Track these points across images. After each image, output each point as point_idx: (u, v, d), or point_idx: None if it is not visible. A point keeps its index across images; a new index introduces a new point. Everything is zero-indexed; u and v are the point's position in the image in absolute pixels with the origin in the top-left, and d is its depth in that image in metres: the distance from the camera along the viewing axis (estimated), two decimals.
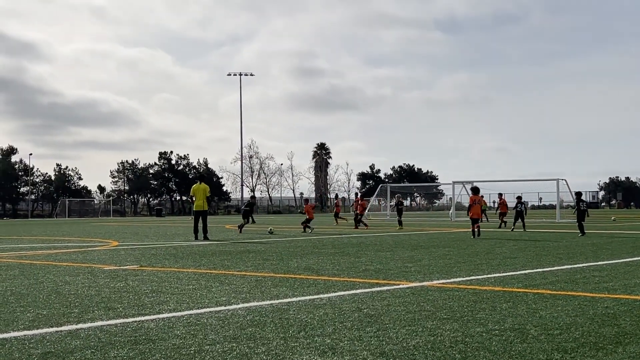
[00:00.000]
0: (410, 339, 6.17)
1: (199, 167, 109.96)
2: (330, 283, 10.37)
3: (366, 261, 14.05)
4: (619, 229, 29.45)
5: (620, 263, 13.16)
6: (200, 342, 6.13)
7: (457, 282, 10.32)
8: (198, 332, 6.55)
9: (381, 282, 10.39)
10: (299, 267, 12.89)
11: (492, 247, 17.98)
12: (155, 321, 7.19)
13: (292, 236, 25.31)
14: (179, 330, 6.65)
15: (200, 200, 23.51)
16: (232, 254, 16.56)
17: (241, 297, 8.87)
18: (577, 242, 19.78)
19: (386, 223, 42.16)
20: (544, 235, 24.97)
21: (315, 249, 17.88)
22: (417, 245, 19.29)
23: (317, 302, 8.43)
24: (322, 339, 6.21)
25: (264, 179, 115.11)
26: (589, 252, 15.91)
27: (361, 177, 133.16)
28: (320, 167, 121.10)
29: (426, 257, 14.86)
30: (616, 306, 7.85)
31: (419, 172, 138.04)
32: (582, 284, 9.90)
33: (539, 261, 13.75)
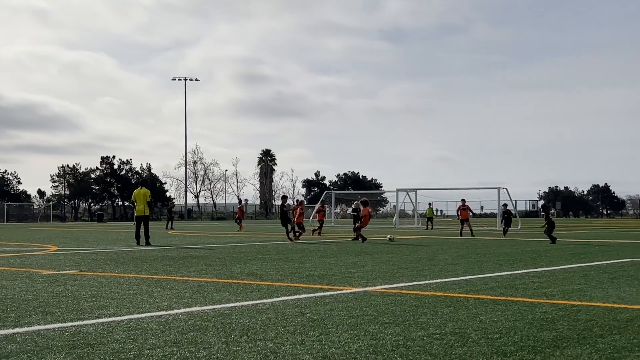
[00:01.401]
0: (352, 343, 6.18)
1: (142, 172, 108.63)
2: (274, 288, 10.33)
3: (310, 267, 14.05)
4: (557, 237, 30.02)
5: (559, 270, 13.43)
6: (140, 346, 6.04)
7: (400, 288, 10.39)
8: (138, 337, 6.45)
9: (325, 288, 10.40)
10: (242, 273, 12.82)
11: (435, 254, 18.17)
12: (94, 326, 7.06)
13: (236, 242, 25.17)
14: (118, 335, 6.54)
15: (142, 205, 23.25)
16: (175, 259, 16.39)
17: (183, 302, 8.78)
18: (517, 249, 20.12)
19: (331, 229, 42.24)
20: (485, 242, 25.34)
21: (259, 255, 17.82)
22: (361, 251, 19.37)
23: (260, 307, 8.39)
24: (264, 343, 6.18)
25: (209, 184, 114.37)
26: (528, 259, 16.20)
27: (306, 184, 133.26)
28: (266, 173, 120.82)
29: (370, 263, 14.93)
30: (554, 311, 7.99)
31: (364, 179, 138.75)
32: (521, 290, 10.06)
33: (480, 267, 13.93)
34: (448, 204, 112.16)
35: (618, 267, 13.86)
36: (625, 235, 32.48)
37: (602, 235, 32.01)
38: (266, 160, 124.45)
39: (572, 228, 45.90)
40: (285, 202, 27.33)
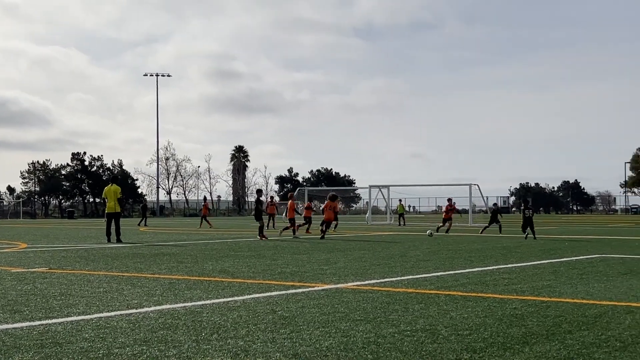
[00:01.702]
0: (323, 340, 6.18)
1: (113, 168, 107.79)
2: (245, 285, 10.30)
3: (282, 264, 14.03)
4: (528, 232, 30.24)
5: (529, 266, 13.54)
6: (110, 345, 5.99)
7: (372, 284, 10.41)
8: (107, 335, 6.40)
9: (296, 285, 10.39)
10: (214, 270, 12.76)
11: (407, 250, 18.23)
12: (63, 324, 6.99)
13: (208, 239, 25.08)
14: (87, 334, 6.48)
15: (112, 202, 23.10)
16: (146, 256, 16.29)
17: (153, 300, 8.72)
18: (488, 245, 20.26)
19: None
20: (457, 238, 25.48)
21: (231, 252, 17.76)
22: (334, 248, 19.38)
23: (231, 304, 8.36)
24: (235, 341, 6.16)
25: (181, 181, 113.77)
26: (499, 255, 16.31)
27: (279, 180, 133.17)
28: (238, 170, 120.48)
29: (342, 260, 14.94)
30: (524, 307, 8.05)
31: (337, 175, 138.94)
32: (492, 286, 10.13)
33: (451, 264, 14.01)
34: (420, 200, 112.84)
35: (587, 263, 14.01)
36: (594, 231, 32.85)
37: (571, 231, 32.35)
38: (239, 157, 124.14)
39: (542, 224, 46.29)
40: (261, 196, 26.83)
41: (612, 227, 38.79)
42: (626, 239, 24.15)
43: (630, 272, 12.18)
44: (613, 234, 28.86)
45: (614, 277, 11.28)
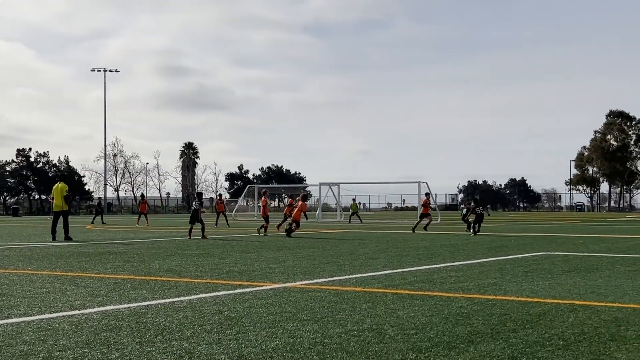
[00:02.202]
0: (269, 341, 6.13)
1: (59, 165, 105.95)
2: (192, 285, 10.20)
3: (230, 262, 13.94)
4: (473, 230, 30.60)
5: (475, 264, 13.68)
6: (50, 348, 5.85)
7: (320, 283, 10.39)
8: (48, 338, 6.25)
9: (244, 284, 10.32)
10: (160, 269, 12.61)
11: (356, 248, 18.28)
12: (3, 326, 6.82)
13: (156, 237, 24.80)
14: (28, 336, 6.32)
15: (59, 199, 22.72)
16: (91, 255, 16.02)
17: (97, 301, 8.57)
18: (436, 243, 20.42)
19: (255, 223, 42.04)
20: (406, 236, 25.65)
21: (179, 250, 17.58)
22: (283, 246, 19.33)
23: (177, 305, 8.26)
24: (179, 343, 6.07)
25: (129, 178, 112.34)
26: (446, 253, 16.46)
27: (229, 177, 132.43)
28: (188, 166, 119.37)
29: (291, 258, 14.90)
30: (470, 306, 8.12)
31: (287, 173, 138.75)
32: (438, 284, 10.20)
33: (400, 262, 14.08)
34: (370, 197, 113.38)
35: (532, 261, 14.21)
36: (540, 228, 33.38)
37: (518, 229, 32.82)
38: (189, 154, 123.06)
39: (489, 221, 46.87)
40: (201, 199, 26.21)
41: (557, 225, 39.49)
42: (570, 236, 24.59)
43: (574, 269, 12.39)
44: (558, 231, 29.37)
45: (558, 275, 11.46)
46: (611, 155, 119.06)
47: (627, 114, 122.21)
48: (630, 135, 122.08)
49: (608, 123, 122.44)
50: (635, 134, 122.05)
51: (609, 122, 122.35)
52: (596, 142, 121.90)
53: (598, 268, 12.62)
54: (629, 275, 11.34)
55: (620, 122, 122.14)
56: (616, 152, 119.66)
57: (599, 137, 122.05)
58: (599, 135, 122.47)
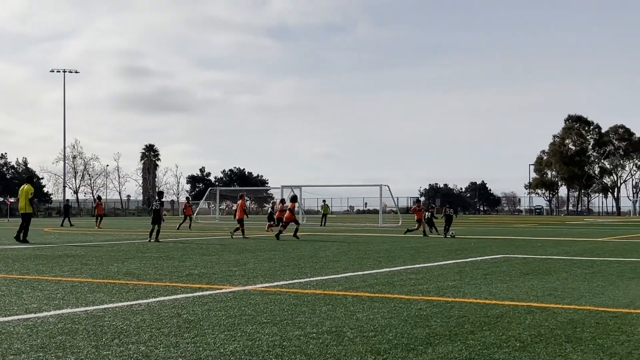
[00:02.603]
0: (228, 344, 6.10)
1: (17, 167, 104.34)
2: (151, 288, 10.10)
3: (190, 265, 13.84)
4: (435, 233, 30.80)
5: (435, 266, 13.76)
6: (4, 352, 5.75)
7: (280, 286, 10.37)
8: (2, 342, 6.14)
9: (204, 287, 10.25)
10: (119, 272, 12.47)
11: (317, 251, 18.27)
12: None
13: (115, 240, 24.53)
14: None
15: (22, 202, 22.46)
16: (49, 258, 15.78)
17: (54, 304, 8.44)
18: (397, 246, 20.51)
19: (215, 226, 41.83)
20: (367, 239, 25.72)
21: (138, 253, 17.41)
22: (244, 249, 19.25)
23: (135, 308, 8.17)
24: (136, 346, 6.01)
25: (89, 180, 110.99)
26: (407, 256, 16.53)
27: (191, 180, 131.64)
28: (149, 169, 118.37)
29: (252, 261, 14.85)
30: (428, 308, 8.17)
31: (250, 175, 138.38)
32: (398, 287, 10.24)
33: (360, 264, 14.11)
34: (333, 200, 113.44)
35: (491, 263, 14.34)
36: (499, 231, 33.73)
37: (478, 232, 33.12)
38: (149, 156, 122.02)
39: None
40: (162, 197, 25.63)
41: (516, 228, 39.93)
42: (529, 239, 24.88)
43: (532, 272, 12.53)
44: (517, 234, 29.71)
45: (516, 277, 11.58)
46: (569, 160, 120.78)
47: (585, 119, 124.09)
48: (589, 140, 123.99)
49: (567, 128, 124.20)
50: (593, 138, 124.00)
51: (568, 127, 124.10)
52: (555, 146, 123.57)
53: (555, 271, 12.78)
54: (586, 278, 11.50)
55: (579, 126, 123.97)
56: (574, 156, 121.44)
57: (558, 142, 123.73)
58: (557, 140, 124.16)
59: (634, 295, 9.29)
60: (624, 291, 9.77)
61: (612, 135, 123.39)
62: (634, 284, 10.58)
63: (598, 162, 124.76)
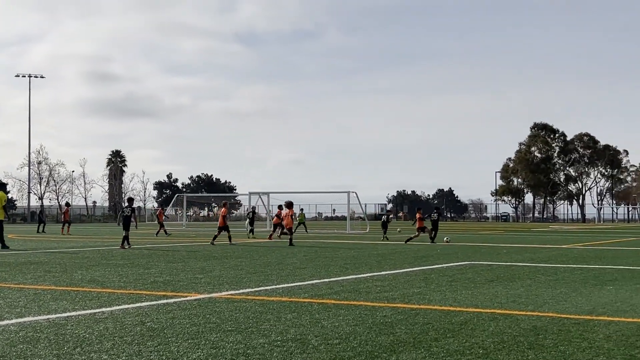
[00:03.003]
0: (191, 352, 6.06)
1: None
2: (115, 296, 10.01)
3: (156, 272, 13.73)
4: (403, 240, 30.95)
5: (401, 273, 13.82)
6: None
7: (246, 293, 10.33)
8: None
9: (169, 294, 10.18)
10: (83, 279, 12.34)
11: (284, 258, 18.24)
12: None
13: (80, 247, 24.26)
14: None
15: None
16: (12, 265, 15.56)
17: (15, 312, 8.32)
18: (364, 253, 20.55)
19: (182, 233, 41.55)
20: (334, 245, 25.73)
21: (103, 260, 17.24)
22: (210, 255, 19.16)
23: (98, 316, 8.09)
24: (98, 355, 5.94)
25: (54, 186, 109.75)
26: (373, 263, 16.57)
27: (158, 186, 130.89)
28: (115, 175, 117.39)
29: (218, 268, 14.78)
30: (394, 315, 8.19)
31: (217, 182, 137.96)
32: (364, 294, 10.26)
33: (327, 271, 14.11)
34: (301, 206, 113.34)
35: (457, 270, 14.43)
36: (466, 238, 33.96)
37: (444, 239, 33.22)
38: (116, 162, 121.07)
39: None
40: (132, 204, 25.36)
41: (482, 234, 40.23)
42: (495, 246, 25.08)
43: (496, 279, 12.63)
44: (483, 241, 29.94)
45: (481, 284, 11.66)
46: (535, 167, 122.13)
47: (550, 127, 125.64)
48: (554, 148, 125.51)
49: (532, 135, 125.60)
50: (559, 146, 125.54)
51: (534, 135, 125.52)
52: (521, 153, 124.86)
53: (520, 277, 12.90)
54: (549, 285, 11.62)
55: (545, 134, 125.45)
56: (540, 163, 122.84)
57: (524, 149, 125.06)
58: (523, 147, 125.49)
59: (596, 302, 9.41)
60: (586, 298, 9.88)
61: (577, 143, 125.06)
62: (597, 291, 10.71)
63: (563, 169, 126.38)
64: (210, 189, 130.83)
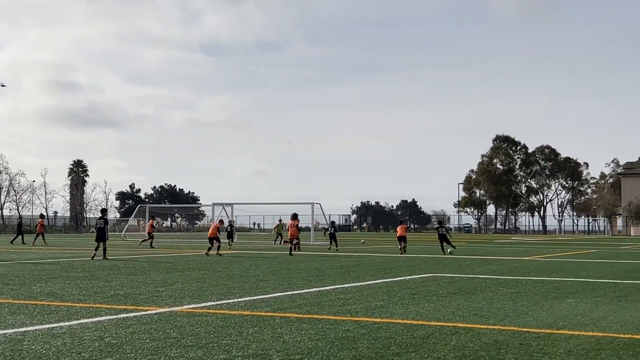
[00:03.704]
0: None
1: None
2: (74, 310, 9.84)
3: (116, 285, 13.55)
4: (367, 251, 31.04)
5: (364, 286, 13.80)
6: None
7: (208, 307, 10.23)
8: None
9: (129, 308, 10.04)
10: (42, 293, 12.13)
11: (247, 270, 18.13)
12: None
13: (40, 258, 23.87)
14: None
15: None
16: None
17: None
18: (328, 265, 20.50)
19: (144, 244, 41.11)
20: (299, 257, 25.64)
21: (63, 272, 16.97)
22: (172, 268, 18.97)
23: (56, 330, 7.94)
24: None
25: (14, 196, 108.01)
26: (336, 275, 16.54)
27: (120, 196, 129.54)
28: (77, 185, 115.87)
29: (180, 281, 14.63)
30: (356, 329, 8.16)
31: (181, 192, 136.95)
32: (327, 307, 10.22)
33: (290, 284, 14.04)
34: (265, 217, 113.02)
35: (419, 283, 14.47)
36: (429, 250, 34.08)
37: (407, 250, 33.31)
38: (78, 172, 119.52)
39: (381, 242, 47.60)
40: (106, 215, 25.08)
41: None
42: (457, 258, 25.18)
43: (459, 291, 12.68)
44: (445, 253, 30.03)
45: (444, 297, 11.69)
46: (497, 179, 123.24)
47: (512, 139, 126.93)
48: (516, 160, 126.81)
49: (495, 147, 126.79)
50: (520, 158, 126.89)
51: (496, 147, 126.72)
52: (483, 165, 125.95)
53: (482, 290, 12.96)
54: (511, 297, 11.69)
55: (506, 146, 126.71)
56: (502, 175, 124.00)
57: (486, 161, 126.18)
58: (486, 159, 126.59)
59: (557, 316, 9.48)
60: (547, 311, 9.96)
61: (538, 155, 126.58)
62: (557, 304, 10.80)
63: (525, 181, 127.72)
64: (174, 200, 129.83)
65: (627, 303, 11.01)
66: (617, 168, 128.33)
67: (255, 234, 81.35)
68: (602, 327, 8.51)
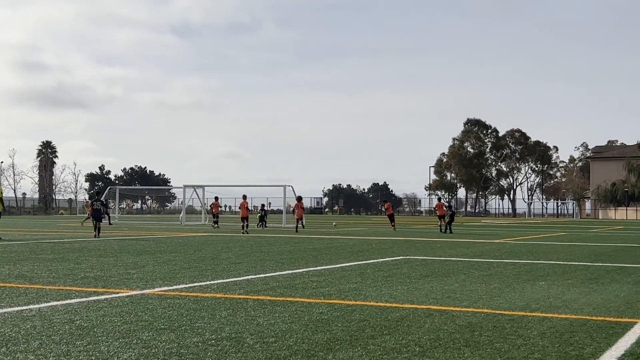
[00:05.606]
0: (122, 352, 5.87)
1: None
2: (43, 292, 9.69)
3: (86, 268, 13.39)
4: (339, 234, 31.05)
5: (337, 268, 13.78)
6: None
7: (180, 290, 10.13)
8: None
9: (99, 291, 9.91)
10: (10, 275, 11.94)
11: (219, 252, 18.04)
12: None
13: (8, 240, 23.55)
14: None
15: None
16: None
17: None
18: (300, 247, 20.47)
19: (114, 226, 40.81)
20: (270, 240, 25.60)
21: (32, 254, 16.74)
22: (144, 250, 18.81)
23: (25, 313, 7.81)
24: (25, 355, 5.71)
25: None
26: (309, 257, 16.50)
27: (90, 177, 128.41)
28: (46, 166, 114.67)
29: (151, 263, 14.50)
30: (330, 312, 8.12)
31: (151, 174, 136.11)
32: (300, 290, 10.17)
33: (262, 266, 13.98)
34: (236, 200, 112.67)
35: (392, 265, 14.48)
36: (400, 232, 34.20)
37: (379, 233, 33.47)
38: (46, 153, 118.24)
39: (352, 225, 47.71)
40: (100, 197, 26.77)
41: (417, 229, 40.63)
42: (429, 241, 25.31)
43: (431, 274, 12.70)
44: (417, 236, 30.20)
45: (417, 279, 11.70)
46: (468, 162, 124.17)
47: (483, 123, 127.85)
48: (486, 143, 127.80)
49: (466, 131, 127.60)
50: (491, 142, 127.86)
51: (467, 130, 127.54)
52: (454, 149, 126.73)
53: (454, 272, 13.00)
54: (483, 280, 11.73)
55: (477, 130, 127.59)
56: (473, 159, 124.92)
57: (457, 145, 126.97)
58: (457, 143, 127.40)
59: (530, 298, 9.52)
60: (520, 293, 10.00)
61: (508, 139, 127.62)
62: (529, 286, 10.86)
63: (495, 164, 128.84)
64: (144, 182, 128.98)
65: (598, 285, 11.10)
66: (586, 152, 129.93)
67: (227, 216, 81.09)
68: (574, 309, 8.56)
